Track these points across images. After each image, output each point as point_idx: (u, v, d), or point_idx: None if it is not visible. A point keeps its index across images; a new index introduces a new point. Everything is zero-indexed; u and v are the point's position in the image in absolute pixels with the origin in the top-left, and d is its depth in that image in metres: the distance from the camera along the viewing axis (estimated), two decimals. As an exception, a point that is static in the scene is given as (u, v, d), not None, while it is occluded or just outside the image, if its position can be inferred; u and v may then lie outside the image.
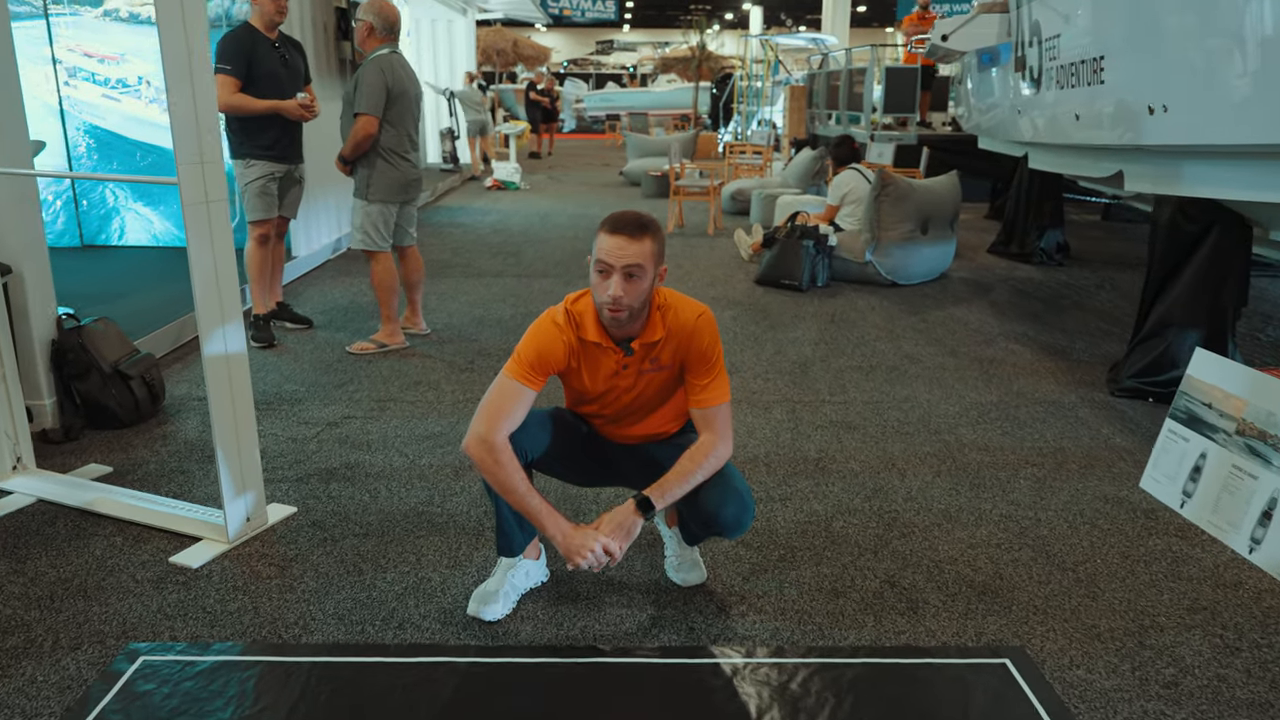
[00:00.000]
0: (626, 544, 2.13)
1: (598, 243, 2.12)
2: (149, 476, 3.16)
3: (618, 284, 2.08)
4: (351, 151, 4.43)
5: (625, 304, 2.10)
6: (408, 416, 3.77)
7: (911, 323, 5.38)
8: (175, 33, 2.29)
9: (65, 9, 6.14)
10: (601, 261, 2.09)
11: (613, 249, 2.08)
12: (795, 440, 3.58)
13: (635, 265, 2.08)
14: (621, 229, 2.09)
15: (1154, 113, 3.71)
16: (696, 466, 2.18)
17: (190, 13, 2.31)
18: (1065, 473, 3.30)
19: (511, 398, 2.18)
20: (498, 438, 2.13)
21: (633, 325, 2.20)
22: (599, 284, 2.11)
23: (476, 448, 2.14)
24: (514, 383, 2.19)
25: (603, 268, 2.09)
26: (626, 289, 2.08)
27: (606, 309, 2.12)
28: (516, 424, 2.18)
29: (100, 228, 6.55)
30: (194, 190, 2.43)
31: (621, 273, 2.08)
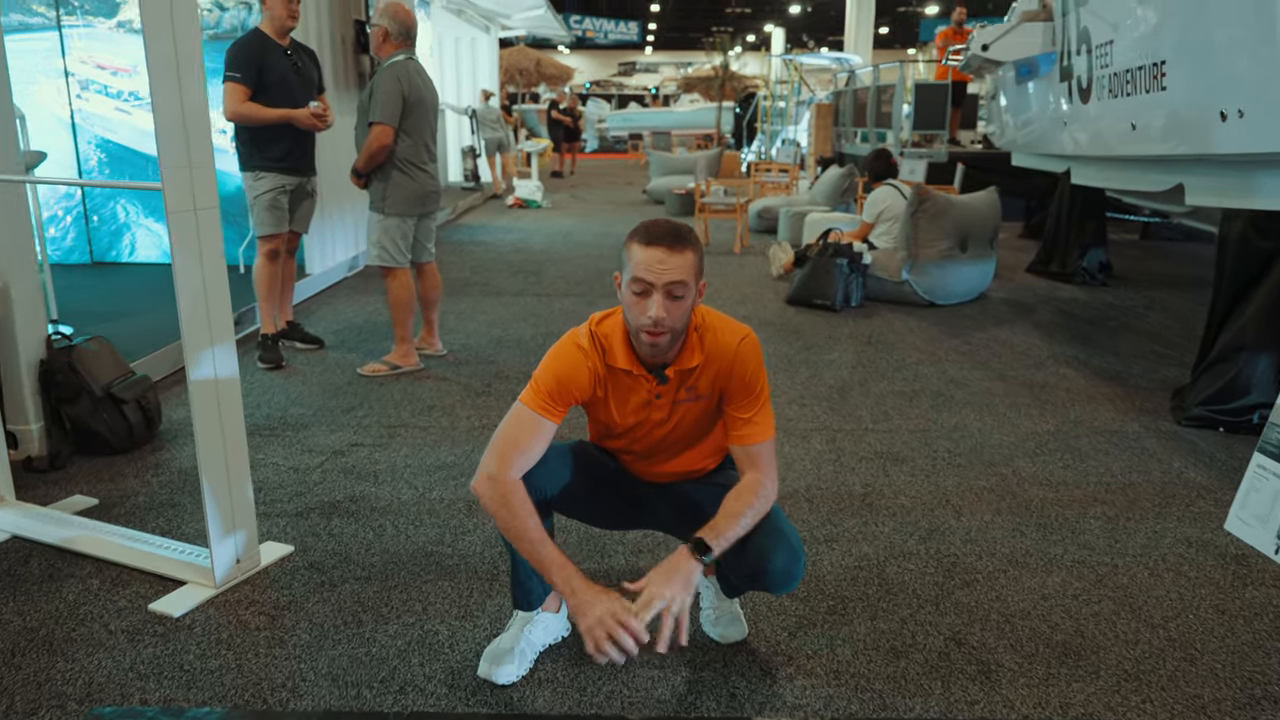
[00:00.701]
0: (688, 596, 1.77)
1: (630, 256, 1.83)
2: (136, 510, 2.92)
3: (659, 304, 1.80)
4: (366, 163, 4.21)
5: (667, 326, 1.82)
6: (419, 444, 3.52)
7: (954, 345, 5.07)
8: (160, 19, 2.06)
9: (78, 20, 6.00)
10: (639, 280, 1.80)
11: (651, 264, 1.79)
12: (838, 473, 3.29)
13: (678, 282, 1.80)
14: (659, 240, 1.81)
15: (1226, 119, 3.41)
16: (745, 507, 1.89)
17: (179, 6, 2.08)
18: (1139, 511, 2.99)
19: (528, 430, 1.91)
20: (509, 476, 1.86)
21: (667, 354, 1.93)
22: (635, 305, 1.83)
23: (484, 487, 1.87)
24: (531, 413, 1.92)
25: (641, 287, 1.81)
26: (669, 310, 1.81)
27: (645, 334, 1.84)
28: (532, 461, 1.91)
29: (111, 244, 6.38)
30: (180, 197, 2.20)
31: (663, 291, 1.80)
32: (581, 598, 1.75)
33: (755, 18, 39.14)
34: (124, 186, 2.34)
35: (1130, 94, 4.29)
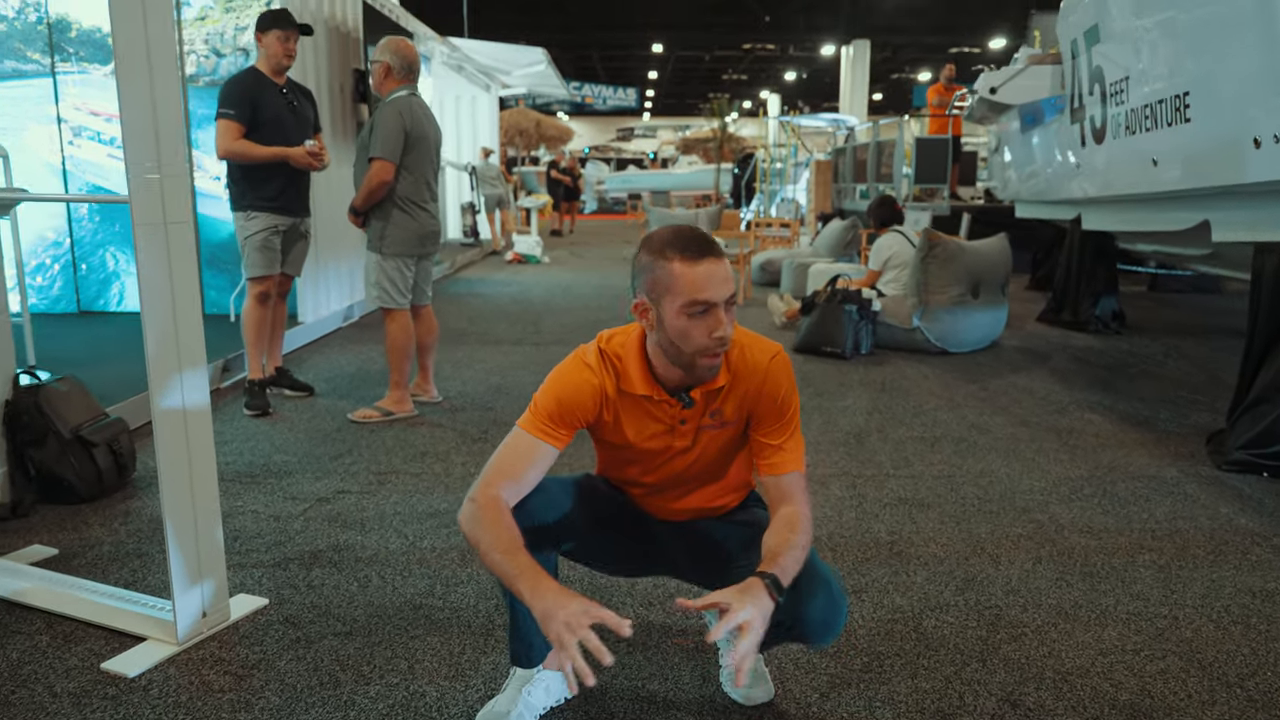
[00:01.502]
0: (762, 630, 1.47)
1: (673, 277, 1.60)
2: (99, 560, 2.67)
3: (723, 320, 1.62)
4: (364, 201, 4.05)
5: (731, 340, 1.66)
6: (410, 491, 3.28)
7: (971, 390, 4.87)
8: (131, 10, 1.89)
9: (73, 67, 5.92)
10: (699, 301, 1.59)
11: (708, 280, 1.59)
12: (861, 520, 3.05)
13: (733, 293, 1.64)
14: (703, 253, 1.61)
15: (1260, 145, 3.27)
16: (800, 537, 1.65)
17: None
18: (1191, 559, 2.75)
19: (523, 455, 1.69)
20: (492, 493, 1.64)
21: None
22: (695, 327, 1.62)
23: (464, 511, 1.65)
24: (528, 437, 1.70)
25: (702, 307, 1.60)
26: (729, 323, 1.64)
27: (707, 357, 1.65)
28: (526, 490, 1.69)
29: (99, 292, 6.21)
30: (149, 208, 2.01)
31: (724, 305, 1.62)
32: (549, 601, 1.44)
33: (751, 84, 39.78)
34: (92, 200, 2.18)
35: (1150, 129, 4.17)
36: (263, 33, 4.21)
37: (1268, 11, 3.17)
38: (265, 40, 4.21)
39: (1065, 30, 5.50)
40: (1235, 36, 3.40)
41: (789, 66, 35.42)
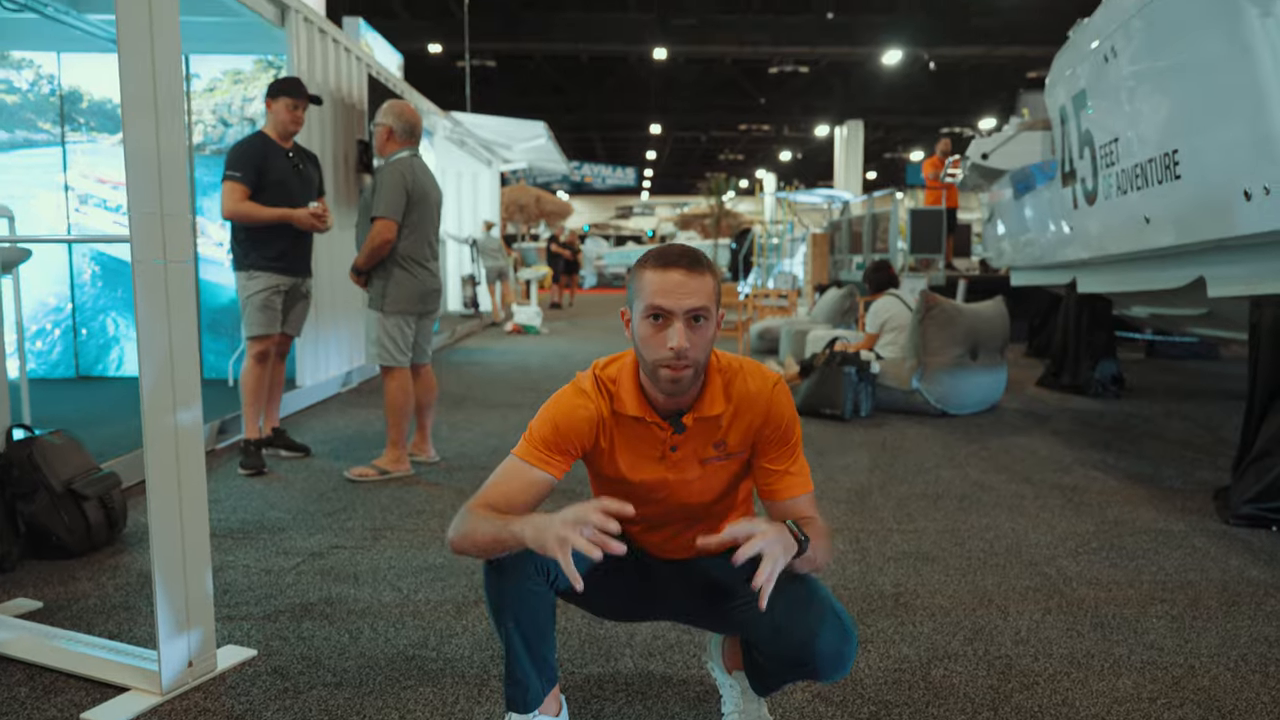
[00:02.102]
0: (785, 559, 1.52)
1: (643, 284, 1.63)
2: (84, 613, 2.60)
3: (681, 333, 1.59)
4: (367, 260, 4.08)
5: (691, 358, 1.61)
6: (405, 546, 3.22)
7: (972, 450, 4.83)
8: (139, 51, 1.93)
9: (83, 136, 6.03)
10: (655, 306, 1.60)
11: (670, 288, 1.59)
12: (865, 573, 2.99)
13: (700, 307, 1.60)
14: (676, 262, 1.61)
15: (1251, 198, 3.31)
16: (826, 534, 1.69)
17: (160, 30, 1.96)
18: (1204, 610, 2.68)
19: (518, 482, 1.67)
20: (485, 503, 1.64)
21: (687, 394, 1.70)
22: (652, 337, 1.62)
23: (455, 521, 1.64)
24: (522, 464, 1.69)
25: (657, 312, 1.60)
26: (692, 339, 1.60)
27: (665, 369, 1.62)
28: (524, 513, 1.65)
29: (98, 357, 6.21)
30: (149, 246, 2.02)
31: (684, 318, 1.60)
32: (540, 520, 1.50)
33: (748, 164, 40.61)
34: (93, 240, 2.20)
35: (1142, 188, 4.23)
36: (273, 99, 4.29)
37: (1252, 69, 3.24)
38: (275, 106, 4.29)
39: (1054, 97, 5.63)
40: (1221, 94, 3.48)
41: (784, 146, 36.21)
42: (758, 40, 20.25)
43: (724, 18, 20.20)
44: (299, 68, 5.73)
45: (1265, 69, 3.16)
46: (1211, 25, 3.53)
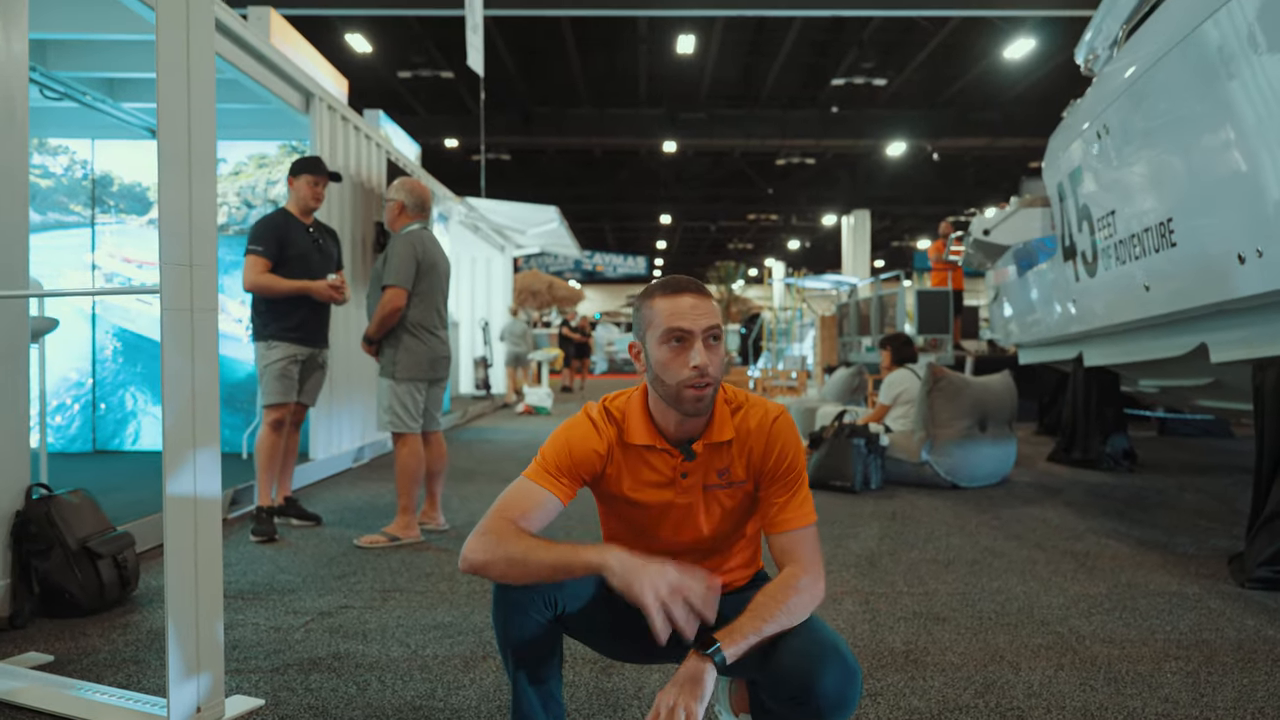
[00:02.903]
0: (700, 704, 1.51)
1: (656, 311, 1.70)
2: (94, 666, 2.61)
3: (702, 351, 1.66)
4: (379, 328, 4.19)
5: (712, 375, 1.69)
6: (414, 607, 3.22)
7: (983, 520, 4.81)
8: (177, 113, 2.06)
9: (111, 218, 6.25)
10: (675, 329, 1.67)
11: (687, 310, 1.67)
12: (875, 631, 2.97)
13: (714, 326, 1.69)
14: (685, 288, 1.70)
15: (1245, 261, 3.39)
16: (775, 604, 1.63)
17: (197, 95, 2.10)
18: (1220, 666, 2.65)
19: (528, 500, 1.71)
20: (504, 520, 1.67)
21: (697, 420, 1.76)
22: (673, 360, 1.68)
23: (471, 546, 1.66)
24: (532, 484, 1.73)
25: (679, 334, 1.67)
26: (710, 358, 1.68)
27: (689, 388, 1.68)
28: (535, 530, 1.69)
29: (115, 432, 6.29)
30: (178, 295, 2.11)
31: (703, 337, 1.67)
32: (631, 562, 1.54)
33: (756, 252, 41.26)
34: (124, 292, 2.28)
35: (1139, 257, 4.32)
36: (295, 176, 4.48)
37: (1240, 137, 3.37)
38: (296, 184, 4.48)
39: (1052, 175, 5.79)
40: (1210, 163, 3.60)
41: (792, 235, 36.85)
42: (764, 133, 20.88)
43: (731, 112, 20.88)
44: (321, 151, 5.96)
45: (1249, 134, 3.29)
46: (1193, 95, 3.68)
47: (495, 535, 1.66)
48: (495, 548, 1.63)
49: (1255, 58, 3.20)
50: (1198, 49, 3.57)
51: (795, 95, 20.17)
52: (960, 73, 18.13)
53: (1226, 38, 3.35)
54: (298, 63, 5.80)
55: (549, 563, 1.59)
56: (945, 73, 18.32)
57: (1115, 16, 5.02)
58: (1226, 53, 3.37)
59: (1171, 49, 3.77)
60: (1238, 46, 3.29)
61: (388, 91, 18.33)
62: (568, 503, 1.75)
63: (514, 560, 1.61)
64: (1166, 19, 4.02)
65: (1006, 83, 18.38)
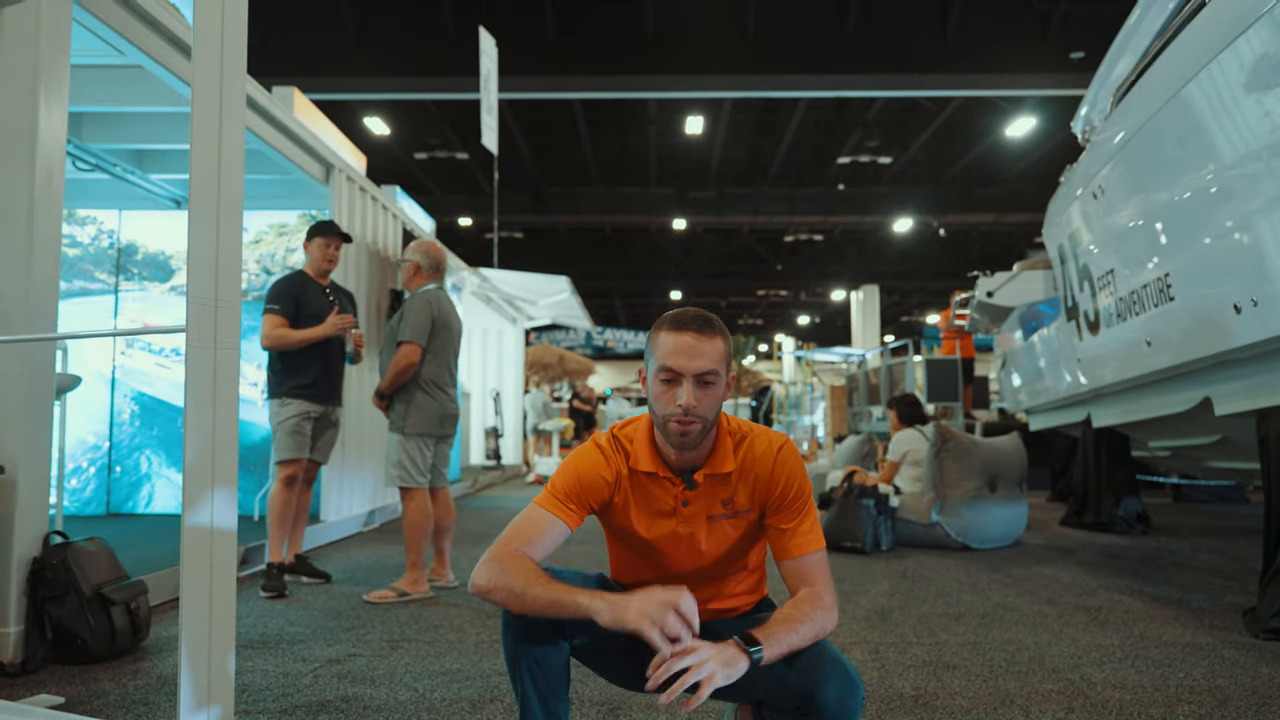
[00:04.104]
0: (725, 678, 1.53)
1: (657, 345, 1.77)
2: (105, 708, 2.62)
3: (689, 392, 1.72)
4: (391, 383, 4.28)
5: (699, 414, 1.73)
6: (423, 655, 3.23)
7: (995, 578, 4.78)
8: (208, 156, 2.19)
9: (134, 285, 6.43)
10: (666, 369, 1.73)
11: (680, 350, 1.73)
12: (884, 678, 2.95)
13: (709, 370, 1.73)
14: (687, 325, 1.75)
15: (1241, 311, 3.46)
16: (804, 615, 1.67)
17: (228, 138, 2.23)
18: (1234, 710, 2.62)
19: (537, 526, 1.76)
20: (513, 549, 1.70)
21: (698, 451, 1.81)
22: (663, 395, 1.75)
23: (481, 571, 1.69)
24: (542, 511, 1.78)
25: (668, 375, 1.74)
26: (700, 398, 1.73)
27: (674, 422, 1.74)
28: (542, 555, 1.73)
29: (129, 494, 6.35)
30: (202, 332, 2.20)
31: (693, 380, 1.73)
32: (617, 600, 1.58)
33: (766, 328, 41.55)
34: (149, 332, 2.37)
35: (1139, 313, 4.40)
36: (309, 240, 4.64)
37: (1228, 190, 3.47)
38: (311, 246, 4.63)
39: (1052, 238, 5.91)
40: (1202, 217, 3.70)
41: (802, 311, 37.13)
42: (772, 211, 21.27)
43: (740, 190, 21.33)
44: (340, 221, 6.15)
45: (1236, 187, 3.39)
46: (1181, 153, 3.80)
47: (500, 563, 1.70)
48: (499, 576, 1.68)
49: (1237, 114, 3.33)
50: (1183, 109, 3.70)
51: (802, 173, 20.61)
52: (963, 151, 18.53)
53: (1209, 97, 3.49)
54: (319, 137, 6.03)
55: (545, 600, 1.64)
56: (949, 151, 18.73)
57: (1107, 88, 5.20)
58: (1210, 111, 3.50)
59: (1159, 110, 3.91)
60: (1220, 105, 3.42)
61: (404, 172, 18.85)
62: (575, 528, 1.80)
63: (514, 592, 1.66)
64: (1152, 83, 4.18)
65: (1009, 160, 18.76)
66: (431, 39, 12.36)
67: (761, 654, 1.59)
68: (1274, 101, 3.14)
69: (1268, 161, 3.20)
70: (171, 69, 4.15)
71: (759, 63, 12.79)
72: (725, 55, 12.76)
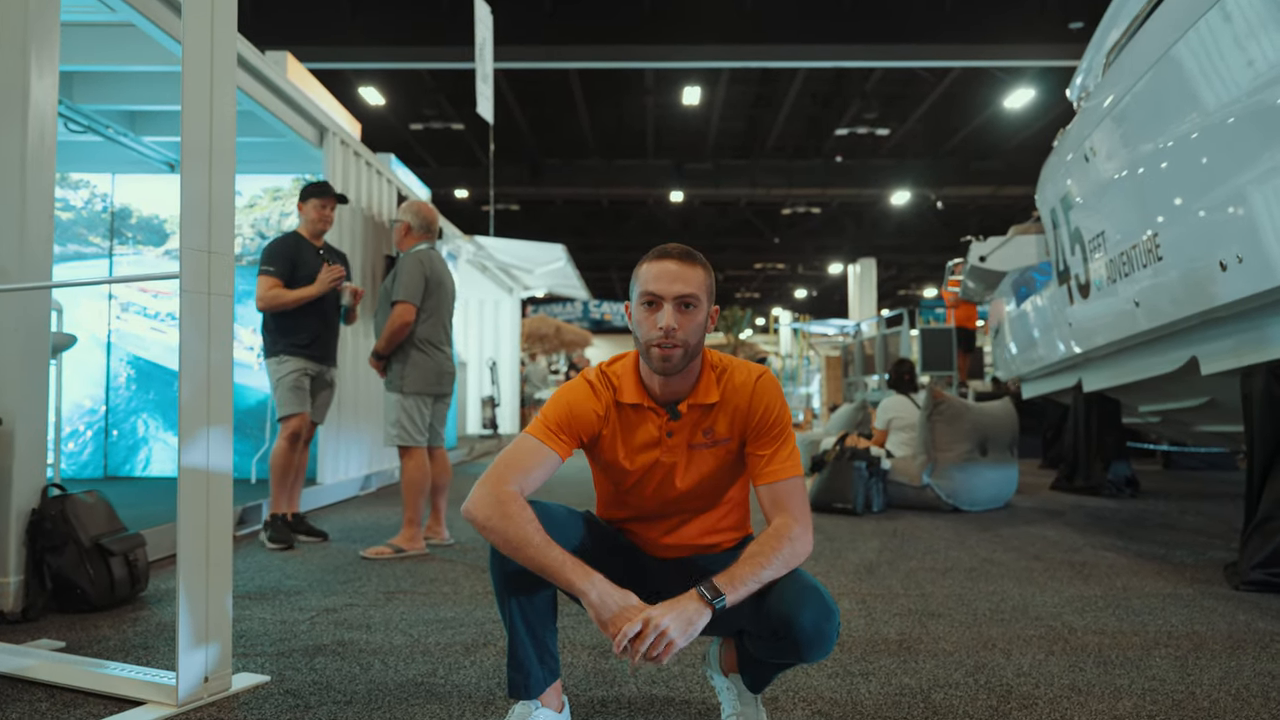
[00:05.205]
0: (684, 639, 1.60)
1: (640, 275, 1.82)
2: (104, 651, 2.67)
3: (670, 314, 1.76)
4: (387, 343, 4.30)
5: (680, 339, 1.77)
6: (417, 605, 3.28)
7: (983, 537, 4.84)
8: (199, 104, 2.21)
9: (129, 249, 6.44)
10: (648, 293, 1.79)
11: (661, 275, 1.78)
12: (870, 625, 3.01)
13: (689, 295, 1.78)
14: (669, 254, 1.80)
15: (1226, 268, 3.49)
16: (770, 551, 1.72)
17: (219, 85, 2.24)
18: (1209, 653, 2.68)
19: (530, 455, 1.80)
20: (507, 488, 1.73)
21: (683, 381, 1.86)
22: (645, 320, 1.80)
23: (477, 498, 1.73)
24: (534, 440, 1.82)
25: (649, 299, 1.79)
26: (681, 321, 1.77)
27: (655, 348, 1.78)
28: (534, 485, 1.77)
29: (126, 458, 6.39)
30: (195, 279, 2.23)
31: (674, 303, 1.77)
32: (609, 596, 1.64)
33: (763, 301, 41.56)
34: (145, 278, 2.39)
35: (1128, 274, 4.43)
36: (304, 201, 4.64)
37: (1216, 147, 3.49)
38: (305, 208, 4.63)
39: (1045, 202, 5.93)
40: (1189, 175, 3.72)
41: (799, 284, 37.11)
42: (770, 183, 21.21)
43: (737, 163, 21.26)
44: (334, 185, 6.14)
45: (1223, 144, 3.41)
46: (1170, 112, 3.82)
47: (500, 505, 1.71)
48: (495, 520, 1.70)
49: (1225, 72, 3.34)
50: (1172, 68, 3.72)
51: (800, 145, 20.53)
52: (962, 123, 18.47)
53: (1197, 55, 3.50)
54: (313, 100, 6.02)
55: (537, 563, 1.67)
56: (947, 123, 18.66)
57: (1100, 53, 5.20)
58: (1198, 69, 3.51)
59: (1148, 70, 3.92)
60: (1209, 63, 3.43)
61: (400, 142, 18.76)
62: (566, 458, 1.84)
63: (509, 542, 1.70)
64: (1142, 44, 4.18)
65: (1008, 132, 18.70)
66: (427, 7, 12.27)
67: (725, 602, 1.64)
68: (1260, 59, 3.16)
69: (1253, 119, 3.21)
70: (163, 26, 4.14)
71: (757, 33, 12.72)
72: (723, 25, 12.68)
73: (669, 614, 1.59)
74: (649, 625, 1.57)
